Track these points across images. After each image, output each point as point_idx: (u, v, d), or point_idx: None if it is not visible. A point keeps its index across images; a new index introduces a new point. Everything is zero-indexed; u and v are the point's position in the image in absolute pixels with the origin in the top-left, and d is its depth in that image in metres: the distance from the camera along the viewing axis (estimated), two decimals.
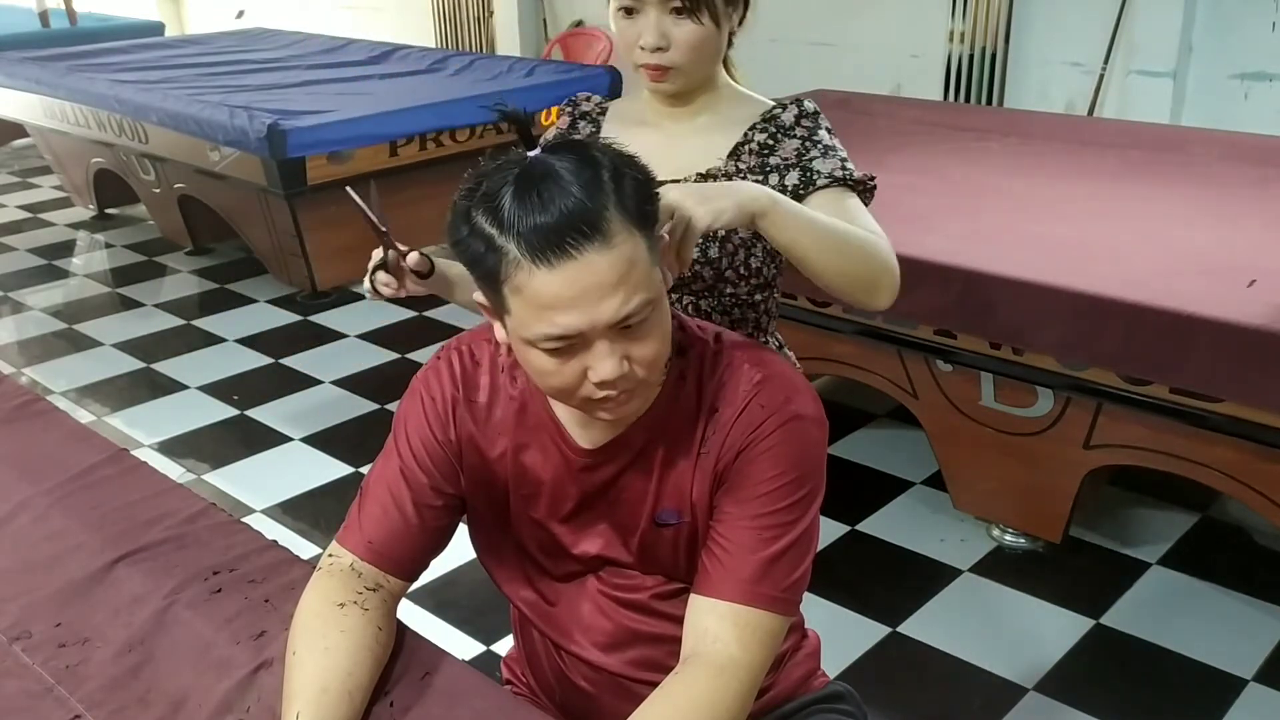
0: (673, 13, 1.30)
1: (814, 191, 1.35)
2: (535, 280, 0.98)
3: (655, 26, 1.30)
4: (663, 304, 1.06)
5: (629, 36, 1.33)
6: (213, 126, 4.09)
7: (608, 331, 1.00)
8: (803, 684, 1.38)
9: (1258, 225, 2.54)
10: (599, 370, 1.02)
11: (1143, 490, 2.82)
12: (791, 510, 1.11)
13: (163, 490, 1.53)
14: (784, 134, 1.39)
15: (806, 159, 1.37)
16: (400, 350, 3.92)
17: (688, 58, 1.32)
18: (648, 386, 1.08)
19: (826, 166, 1.36)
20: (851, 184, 1.37)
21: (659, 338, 1.05)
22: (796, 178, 1.36)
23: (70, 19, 7.01)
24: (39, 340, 4.22)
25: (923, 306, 2.41)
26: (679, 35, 1.31)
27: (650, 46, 1.31)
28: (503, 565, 1.30)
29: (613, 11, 1.35)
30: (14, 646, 1.23)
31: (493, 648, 2.36)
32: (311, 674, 1.07)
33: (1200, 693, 2.19)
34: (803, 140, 1.38)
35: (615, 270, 0.98)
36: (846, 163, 1.38)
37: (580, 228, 0.96)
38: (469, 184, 1.03)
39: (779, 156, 1.37)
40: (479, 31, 6.60)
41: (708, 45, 1.33)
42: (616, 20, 1.35)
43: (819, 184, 1.35)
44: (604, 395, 1.04)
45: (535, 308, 0.99)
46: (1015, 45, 4.40)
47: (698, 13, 1.29)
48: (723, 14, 1.32)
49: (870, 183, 1.40)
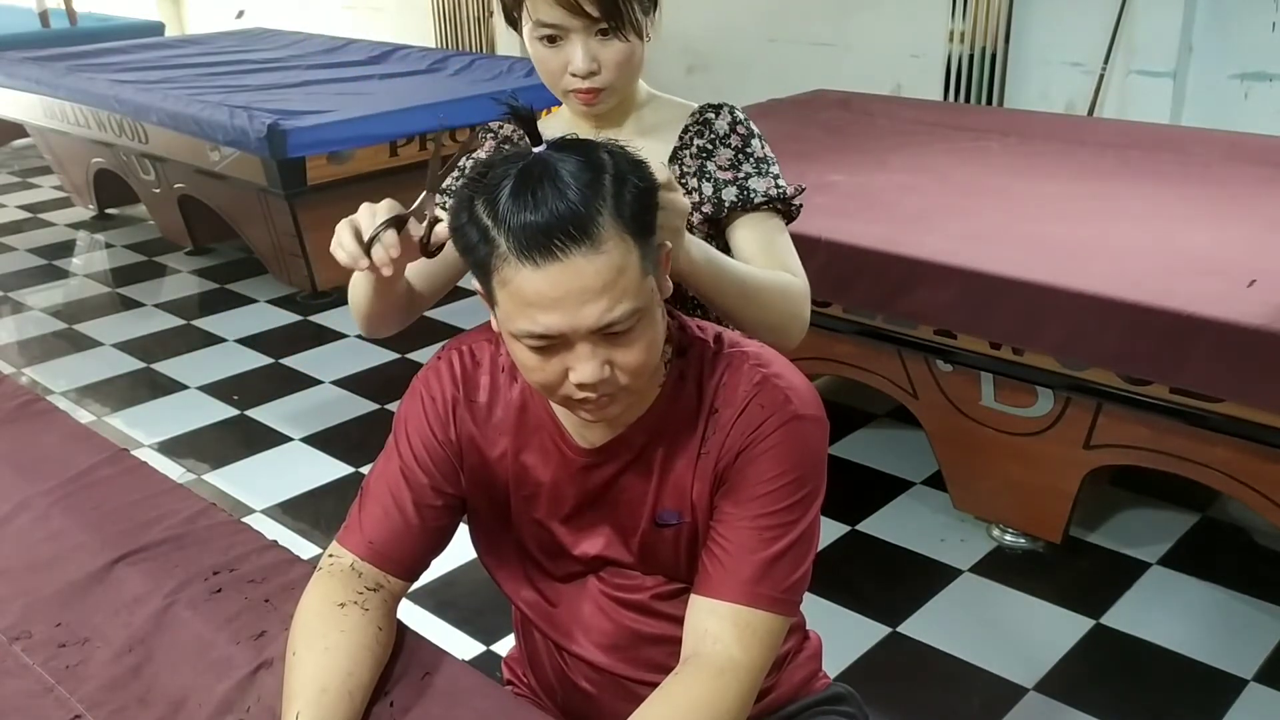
0: (599, 35, 1.27)
1: (748, 212, 1.37)
2: (520, 277, 0.98)
3: (584, 51, 1.27)
4: (653, 314, 1.05)
5: (554, 65, 1.30)
6: (213, 126, 4.09)
7: (590, 335, 1.01)
8: (804, 686, 1.38)
9: (1258, 225, 2.54)
10: (579, 373, 1.02)
11: (1143, 490, 2.82)
12: (792, 510, 1.11)
13: (163, 490, 1.54)
14: (720, 141, 1.39)
15: (742, 176, 1.38)
16: (400, 350, 3.92)
17: (618, 76, 1.30)
18: (631, 392, 1.08)
19: (761, 185, 1.37)
20: (782, 205, 1.39)
21: (645, 346, 1.04)
22: (734, 195, 1.37)
23: (70, 19, 7.01)
24: (39, 340, 4.22)
25: (923, 306, 2.42)
26: (607, 56, 1.28)
27: (582, 72, 1.28)
28: (504, 566, 1.30)
29: (531, 41, 1.31)
30: (14, 646, 1.23)
31: (493, 648, 2.36)
32: (312, 674, 1.07)
33: (1200, 693, 2.19)
34: (736, 151, 1.39)
35: (601, 276, 0.98)
36: (779, 179, 1.40)
37: (569, 230, 0.97)
38: (478, 172, 1.03)
39: (714, 164, 1.38)
40: (479, 31, 6.60)
41: (635, 60, 1.32)
42: (537, 48, 1.30)
43: (755, 203, 1.37)
44: (583, 396, 1.04)
45: (519, 304, 1.00)
46: (1015, 45, 4.40)
47: (623, 31, 1.27)
48: (643, 25, 1.30)
49: (798, 201, 1.41)
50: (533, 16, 1.28)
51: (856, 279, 2.48)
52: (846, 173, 3.00)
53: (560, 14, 1.25)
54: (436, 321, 4.08)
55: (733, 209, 1.37)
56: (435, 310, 1.60)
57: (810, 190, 1.49)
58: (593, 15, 1.25)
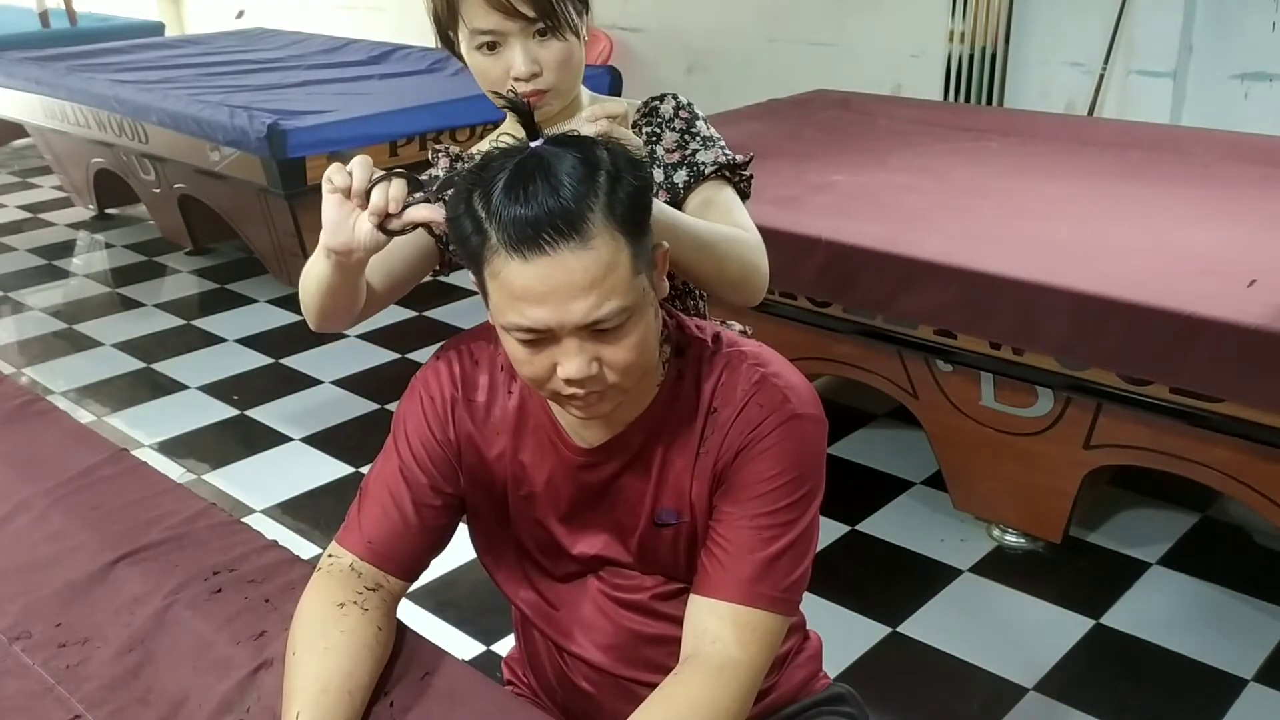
0: (536, 36, 1.28)
1: (700, 183, 1.38)
2: (509, 270, 0.99)
3: (524, 54, 1.28)
4: (644, 313, 1.05)
5: (495, 72, 1.30)
6: (213, 126, 4.09)
7: (579, 331, 1.01)
8: (804, 686, 1.38)
9: (1258, 225, 2.54)
10: (566, 368, 1.03)
11: (1143, 490, 2.82)
12: (791, 510, 1.11)
13: (163, 490, 1.54)
14: (665, 125, 1.41)
15: (689, 154, 1.39)
16: (400, 350, 3.92)
17: (560, 76, 1.31)
18: (621, 391, 1.08)
19: (709, 156, 1.39)
20: (731, 170, 1.40)
21: (635, 345, 1.05)
22: (684, 175, 1.38)
23: (70, 19, 7.01)
24: (39, 340, 4.22)
25: (923, 306, 2.42)
26: (547, 57, 1.29)
27: (525, 75, 1.29)
28: (503, 565, 1.30)
29: (469, 51, 1.31)
30: (14, 646, 1.23)
31: (493, 648, 2.36)
32: (311, 674, 1.07)
33: (1200, 693, 2.19)
34: (681, 133, 1.41)
35: (590, 273, 0.99)
36: (725, 149, 1.41)
37: (558, 225, 0.97)
38: (477, 165, 1.04)
39: (662, 148, 1.39)
40: None
41: (575, 59, 1.32)
42: (476, 58, 1.31)
43: (705, 174, 1.38)
44: (571, 392, 1.05)
45: (508, 297, 1.01)
46: (1015, 45, 4.39)
47: (560, 31, 1.28)
48: (580, 25, 1.32)
49: (747, 171, 1.42)
50: (469, 25, 1.29)
51: (856, 279, 2.48)
52: (846, 173, 2.99)
53: (496, 18, 1.26)
54: (436, 321, 4.08)
55: (686, 188, 1.38)
56: (435, 310, 1.60)
57: (810, 190, 1.49)
58: (529, 16, 1.26)
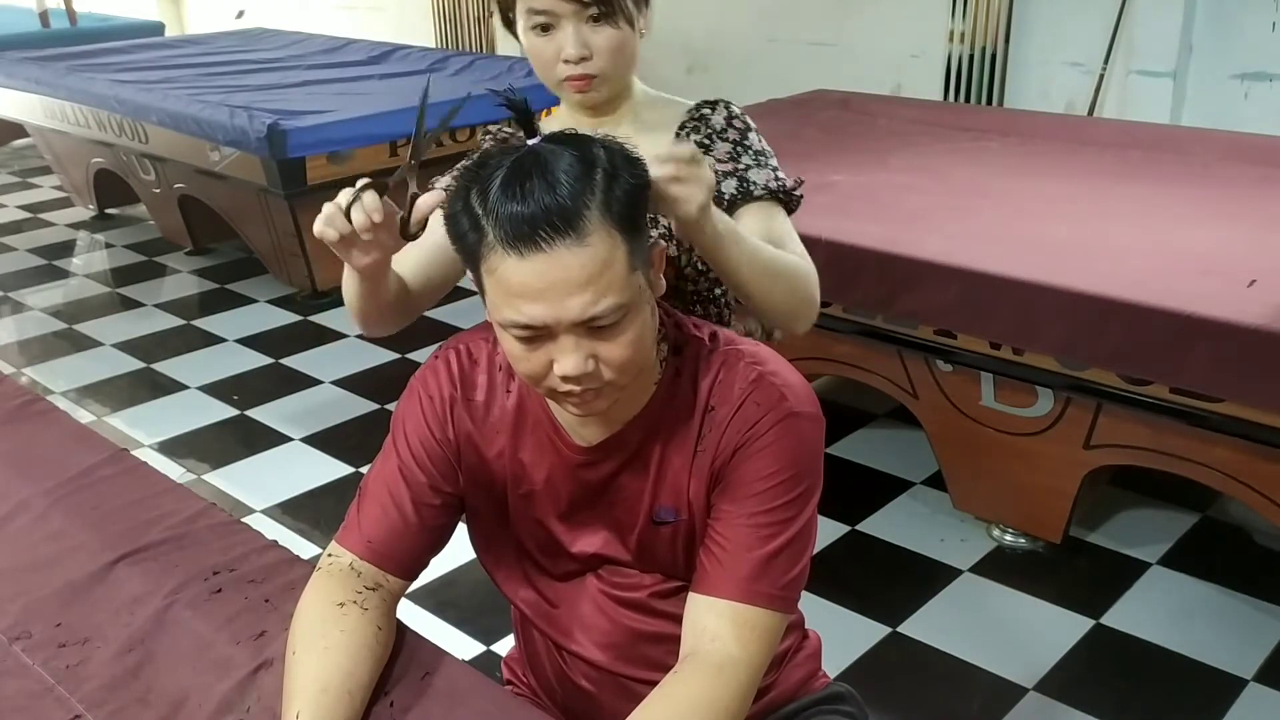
0: (589, 21, 1.30)
1: (749, 203, 1.37)
2: (505, 266, 1.00)
3: (575, 37, 1.30)
4: (640, 310, 1.06)
5: (547, 54, 1.32)
6: (213, 126, 4.09)
7: (575, 328, 1.02)
8: (804, 685, 1.38)
9: (1258, 225, 2.54)
10: (562, 365, 1.03)
11: (1143, 490, 2.82)
12: (788, 508, 1.11)
13: (163, 490, 1.54)
14: (717, 136, 1.40)
15: (741, 168, 1.38)
16: (400, 350, 3.92)
17: (610, 63, 1.32)
18: (617, 388, 1.08)
19: (761, 177, 1.38)
20: (783, 196, 1.39)
21: (631, 342, 1.05)
22: (734, 187, 1.37)
23: (70, 19, 7.01)
24: (39, 340, 4.22)
25: (923, 306, 2.42)
26: (599, 42, 1.31)
27: (574, 57, 1.31)
28: (502, 564, 1.30)
29: (524, 32, 1.34)
30: (14, 646, 1.23)
31: (493, 648, 2.36)
32: (312, 674, 1.07)
33: (1200, 693, 2.19)
34: (735, 144, 1.40)
35: (586, 269, 0.99)
36: (778, 172, 1.40)
37: (554, 222, 0.98)
38: (475, 163, 1.04)
39: (713, 158, 1.38)
40: (479, 31, 6.59)
41: (627, 49, 1.33)
42: (530, 40, 1.33)
43: (755, 194, 1.37)
44: (568, 389, 1.05)
45: (504, 293, 1.01)
46: (1015, 45, 4.40)
47: (614, 17, 1.30)
48: (636, 16, 1.33)
49: (798, 192, 1.41)
50: (525, 5, 1.31)
51: (856, 279, 2.48)
52: (846, 173, 2.99)
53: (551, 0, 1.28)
54: (436, 321, 4.08)
55: (733, 201, 1.37)
56: (435, 310, 1.60)
57: (810, 190, 1.49)
58: (583, 0, 1.28)
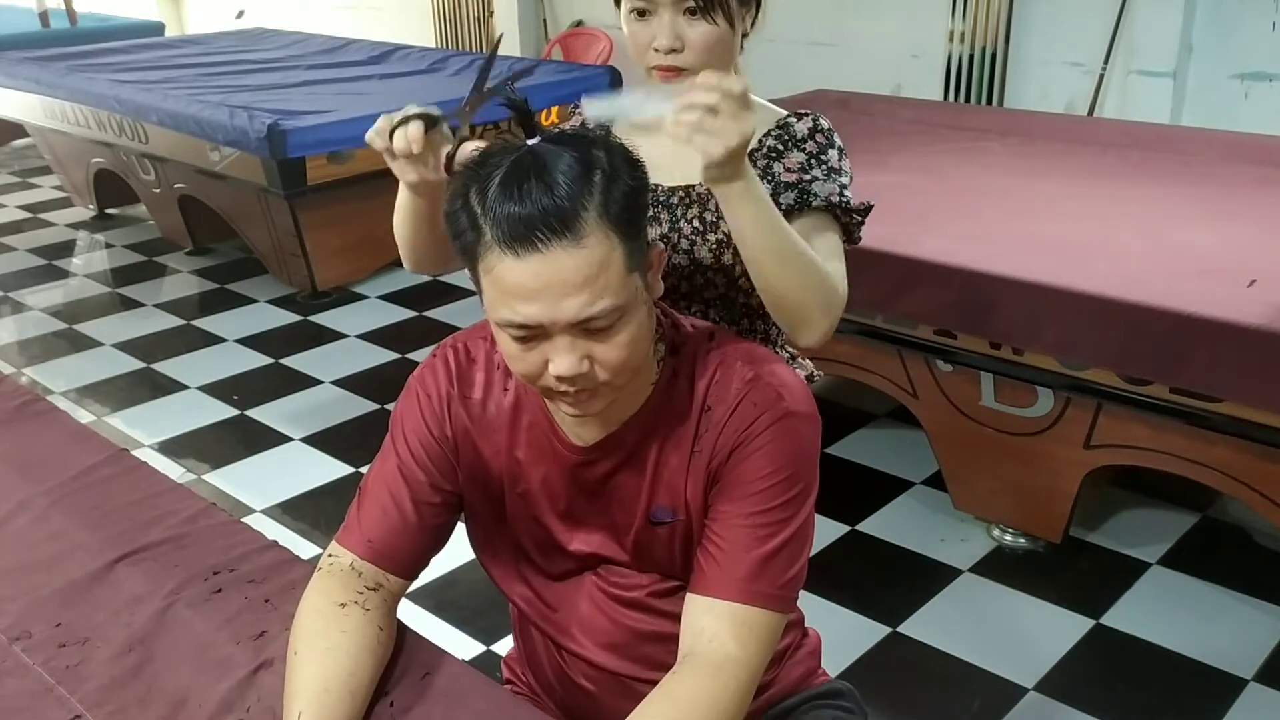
0: (686, 13, 1.27)
1: (805, 214, 1.31)
2: (502, 266, 1.00)
3: (669, 27, 1.28)
4: (636, 312, 1.05)
5: (642, 39, 1.30)
6: (213, 126, 4.09)
7: (570, 329, 1.02)
8: (803, 682, 1.39)
9: (1258, 225, 2.54)
10: (557, 365, 1.03)
11: (1143, 490, 2.82)
12: (785, 508, 1.11)
13: (163, 490, 1.54)
14: (794, 144, 1.35)
15: (807, 180, 1.32)
16: (400, 350, 3.92)
17: (701, 59, 1.29)
18: (613, 389, 1.08)
19: (824, 190, 1.31)
20: (842, 212, 1.33)
21: (626, 344, 1.05)
22: (792, 199, 1.31)
23: (70, 19, 7.01)
24: (39, 340, 4.22)
25: (923, 306, 2.41)
26: (693, 36, 1.28)
27: (664, 48, 1.28)
28: (500, 563, 1.30)
29: (624, 14, 1.32)
30: (14, 646, 1.23)
31: (493, 648, 2.36)
32: (313, 674, 1.07)
33: (1200, 693, 2.19)
34: (810, 156, 1.34)
35: (582, 271, 0.99)
36: (845, 190, 1.34)
37: (551, 223, 0.98)
38: (477, 160, 1.05)
39: (783, 165, 1.33)
40: (479, 31, 6.60)
41: (722, 46, 1.30)
42: (629, 22, 1.32)
43: (813, 205, 1.31)
44: (563, 389, 1.05)
45: (501, 293, 1.02)
46: (1015, 45, 4.40)
47: (712, 13, 1.27)
48: (736, 14, 1.30)
49: (861, 214, 1.35)
50: None
51: (856, 279, 2.42)
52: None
53: None
54: (436, 321, 4.08)
55: (789, 211, 1.29)
56: (435, 310, 1.60)
57: None
58: None
